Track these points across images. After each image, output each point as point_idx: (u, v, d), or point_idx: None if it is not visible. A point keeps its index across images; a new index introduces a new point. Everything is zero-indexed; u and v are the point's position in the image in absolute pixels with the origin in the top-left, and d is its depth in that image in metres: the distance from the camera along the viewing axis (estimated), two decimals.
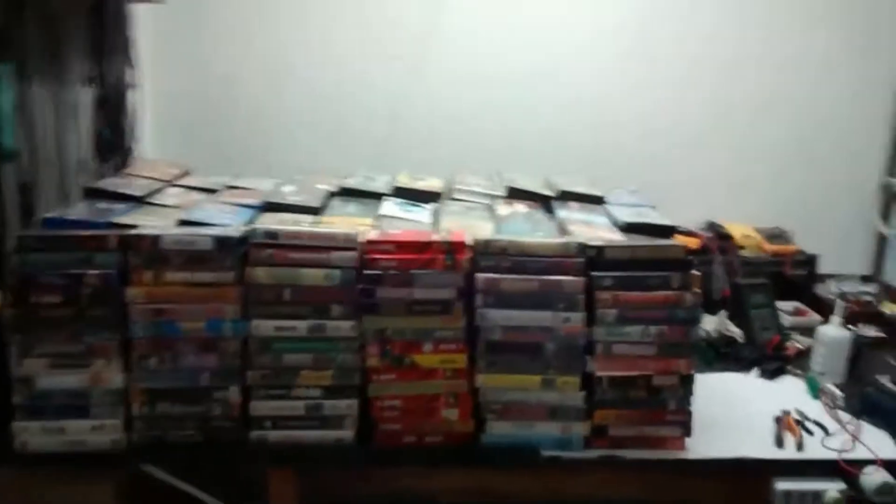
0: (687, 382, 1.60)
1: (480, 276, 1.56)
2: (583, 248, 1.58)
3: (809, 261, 2.43)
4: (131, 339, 1.57)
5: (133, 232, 1.57)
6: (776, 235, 2.50)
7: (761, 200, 2.64)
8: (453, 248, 1.57)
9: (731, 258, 2.38)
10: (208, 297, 1.57)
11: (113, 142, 2.27)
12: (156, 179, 2.07)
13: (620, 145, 2.64)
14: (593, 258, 1.58)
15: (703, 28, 2.58)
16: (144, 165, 2.24)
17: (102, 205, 1.82)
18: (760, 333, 2.12)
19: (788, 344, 2.11)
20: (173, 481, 1.64)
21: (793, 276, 2.41)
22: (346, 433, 1.61)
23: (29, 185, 2.31)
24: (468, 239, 1.60)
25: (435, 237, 1.59)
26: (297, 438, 1.60)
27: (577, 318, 1.57)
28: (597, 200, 2.07)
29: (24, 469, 1.57)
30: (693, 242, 2.41)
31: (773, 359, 2.02)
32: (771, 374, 1.95)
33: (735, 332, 2.13)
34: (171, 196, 1.97)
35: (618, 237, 1.77)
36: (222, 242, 1.56)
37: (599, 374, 1.58)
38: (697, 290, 1.58)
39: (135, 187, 1.95)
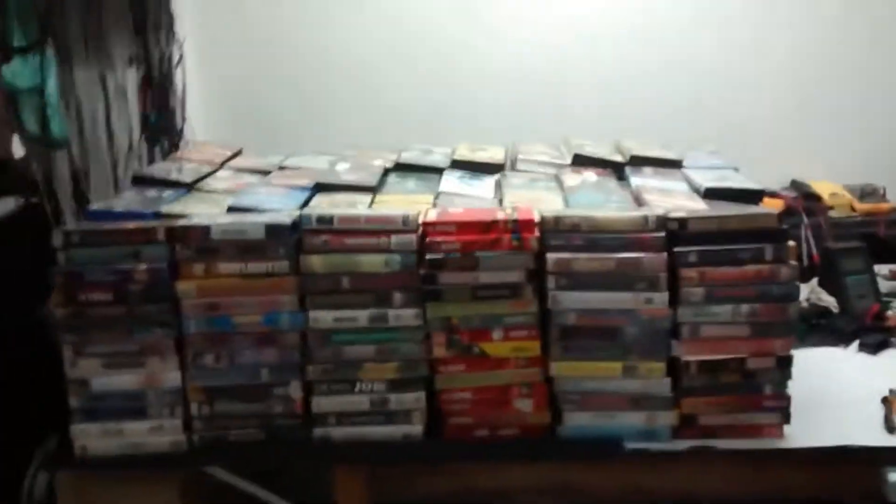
0: (784, 364, 1.45)
1: (551, 256, 1.44)
2: (663, 220, 1.44)
3: None
4: (185, 336, 1.49)
5: (180, 223, 1.48)
6: (868, 193, 2.30)
7: (849, 155, 2.44)
8: (520, 226, 1.45)
9: (820, 220, 2.21)
10: (263, 288, 1.48)
11: (161, 124, 2.20)
12: (206, 162, 1.99)
13: (692, 103, 2.46)
14: (675, 232, 1.44)
15: None
16: (194, 148, 2.17)
17: (151, 193, 1.74)
18: (857, 302, 1.95)
19: (890, 313, 1.93)
20: (237, 482, 1.57)
21: (888, 236, 2.21)
22: (415, 428, 1.51)
23: (80, 173, 2.26)
24: (536, 216, 1.47)
25: (500, 215, 1.47)
26: (363, 435, 1.51)
27: (660, 298, 1.43)
28: (673, 164, 1.91)
29: (85, 473, 1.52)
30: (776, 205, 2.24)
31: (873, 330, 1.85)
32: (873, 348, 1.79)
33: (828, 301, 1.96)
34: (222, 180, 1.89)
35: (700, 206, 1.62)
36: (274, 230, 1.46)
37: (686, 358, 1.45)
38: (794, 263, 1.43)
39: (184, 172, 1.87)
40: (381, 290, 1.48)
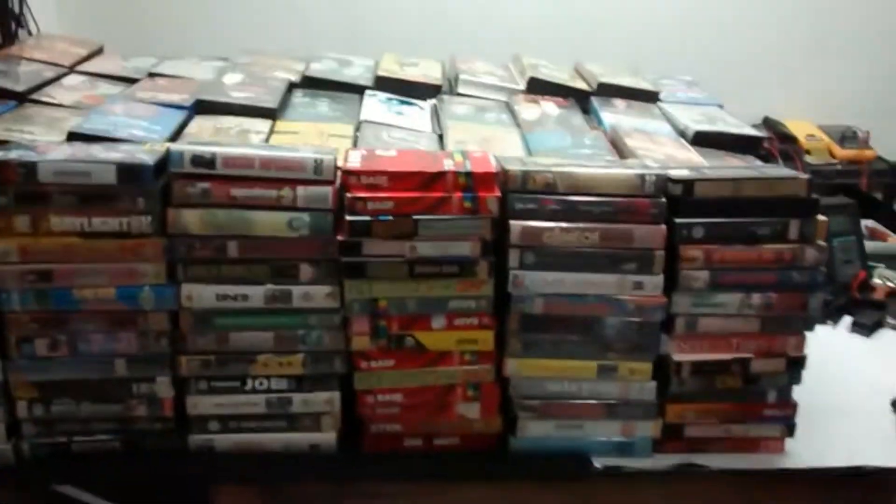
0: (796, 367, 1.16)
1: (516, 223, 1.08)
2: (664, 181, 1.09)
3: (893, 170, 1.97)
4: (4, 314, 1.07)
5: None
6: (848, 137, 2.02)
7: (828, 91, 2.14)
8: (475, 181, 1.07)
9: (797, 166, 1.91)
10: (115, 252, 1.06)
11: None
12: (50, 64, 1.52)
13: (650, 23, 2.11)
14: (677, 197, 1.09)
15: None
16: (38, 42, 1.67)
17: None
18: (842, 268, 1.68)
19: (877, 282, 1.68)
20: (93, 501, 1.19)
21: (870, 189, 1.95)
22: (325, 436, 1.15)
23: None
24: (495, 166, 1.10)
25: (448, 165, 1.09)
26: (256, 444, 1.15)
27: (653, 283, 1.10)
28: (649, 97, 1.57)
29: None
30: None
31: (864, 305, 1.58)
32: (868, 329, 1.53)
33: None
34: (69, 89, 1.43)
35: (694, 157, 1.29)
36: (129, 172, 1.03)
37: (679, 358, 1.13)
38: (822, 244, 1.12)
39: (14, 77, 1.40)
40: (284, 261, 1.09)
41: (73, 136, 1.17)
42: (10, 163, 1.03)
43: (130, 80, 1.50)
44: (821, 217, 1.11)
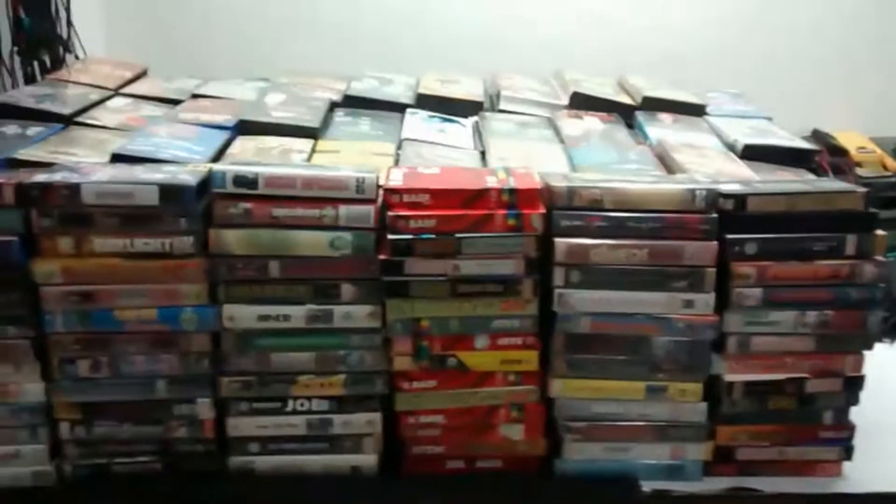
0: (853, 387, 1.12)
1: (561, 241, 1.05)
2: (714, 196, 1.06)
3: None
4: (48, 336, 1.08)
5: (37, 179, 1.04)
6: None
7: (875, 102, 2.09)
8: (519, 198, 1.05)
9: (849, 179, 1.86)
10: (157, 273, 1.06)
11: (38, 32, 1.70)
12: (97, 86, 1.54)
13: (695, 36, 2.08)
14: (729, 212, 1.06)
15: None
16: (84, 66, 1.70)
17: (11, 128, 1.30)
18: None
19: None
20: None
21: None
22: (367, 458, 1.14)
23: None
24: (539, 182, 1.08)
25: (491, 182, 1.07)
26: (296, 466, 1.13)
27: (705, 301, 1.07)
28: (696, 110, 1.54)
29: None
30: None
31: None
32: None
33: None
34: (113, 111, 1.44)
35: (744, 171, 1.26)
36: (172, 193, 1.04)
37: (730, 378, 1.09)
38: (881, 259, 1.08)
39: (63, 100, 1.42)
40: (325, 280, 1.08)
41: (116, 158, 1.17)
42: (54, 185, 1.03)
43: (174, 102, 1.51)
44: (879, 231, 1.07)
